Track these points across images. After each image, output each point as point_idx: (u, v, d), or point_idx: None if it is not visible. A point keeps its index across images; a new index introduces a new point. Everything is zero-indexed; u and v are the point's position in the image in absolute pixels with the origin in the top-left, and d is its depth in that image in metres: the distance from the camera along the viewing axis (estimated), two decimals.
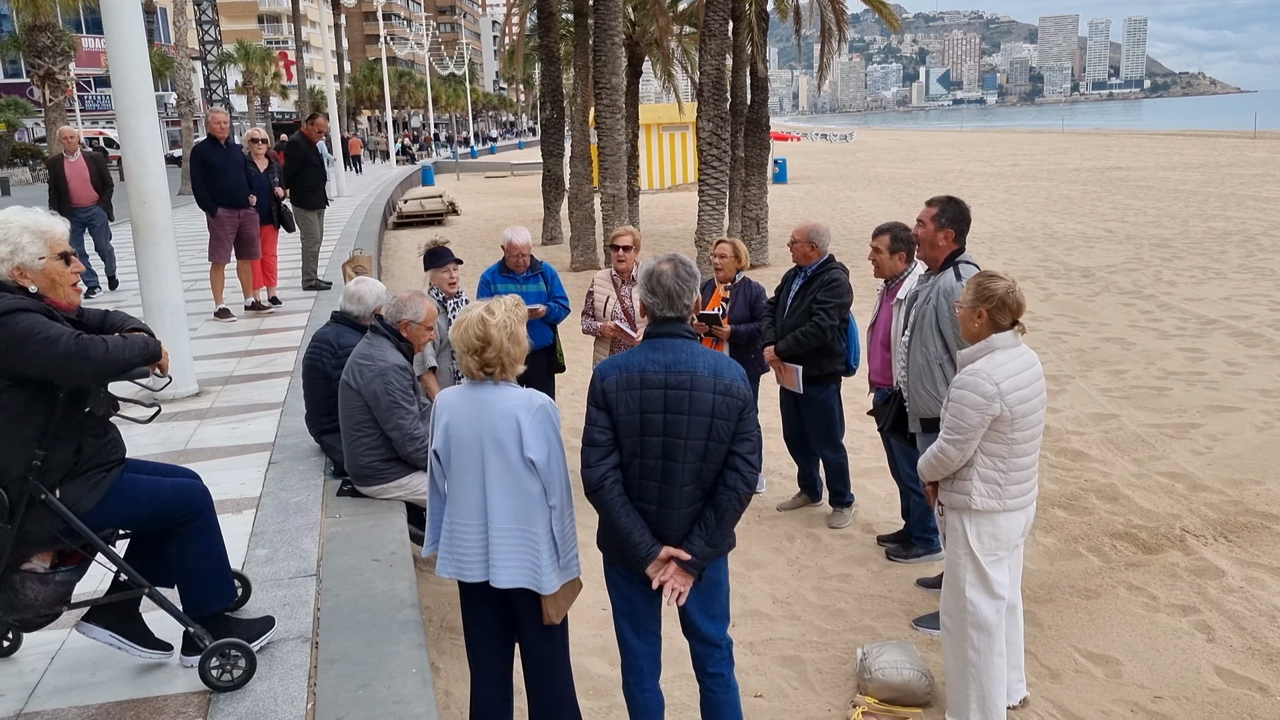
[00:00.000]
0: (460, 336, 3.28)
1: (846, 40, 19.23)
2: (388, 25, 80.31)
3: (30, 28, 24.37)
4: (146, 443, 6.09)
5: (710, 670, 3.55)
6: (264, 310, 10.69)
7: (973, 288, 3.80)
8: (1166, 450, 7.18)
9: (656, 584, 3.33)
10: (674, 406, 3.23)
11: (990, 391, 3.66)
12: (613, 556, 3.45)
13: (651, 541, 3.29)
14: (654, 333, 3.34)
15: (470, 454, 3.31)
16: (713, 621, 3.50)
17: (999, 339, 3.76)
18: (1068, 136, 71.93)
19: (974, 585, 3.89)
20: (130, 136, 6.84)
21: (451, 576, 3.42)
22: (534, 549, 3.33)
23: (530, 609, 3.42)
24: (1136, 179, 30.98)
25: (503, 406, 3.30)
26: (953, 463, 3.83)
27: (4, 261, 3.16)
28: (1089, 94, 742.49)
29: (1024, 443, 3.79)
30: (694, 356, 3.28)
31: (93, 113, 60.03)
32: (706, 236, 15.39)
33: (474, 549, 3.35)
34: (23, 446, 3.09)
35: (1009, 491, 3.82)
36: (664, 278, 3.29)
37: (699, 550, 3.29)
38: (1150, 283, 13.72)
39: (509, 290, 6.41)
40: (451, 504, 3.41)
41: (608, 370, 3.30)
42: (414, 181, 39.54)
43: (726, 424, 3.25)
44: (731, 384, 3.26)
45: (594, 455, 3.29)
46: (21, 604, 3.22)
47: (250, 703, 3.27)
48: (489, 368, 3.30)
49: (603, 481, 3.27)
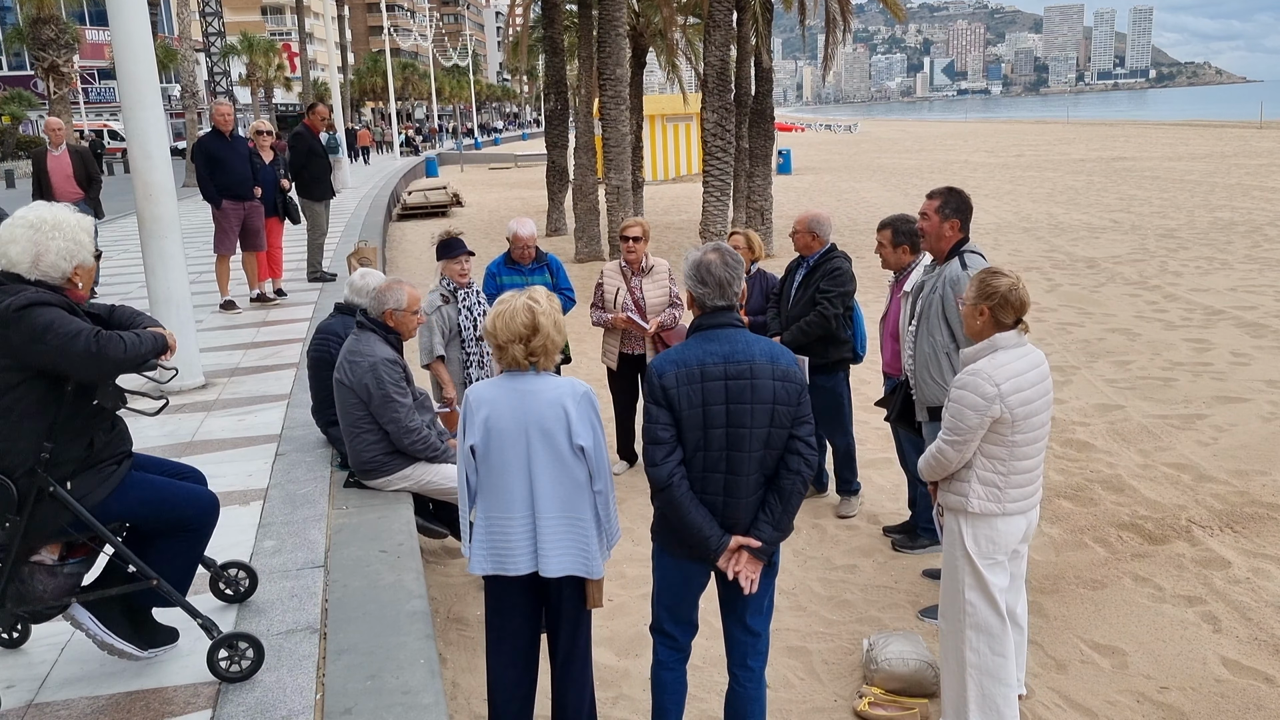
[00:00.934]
0: (505, 326, 3.27)
1: (851, 30, 19.19)
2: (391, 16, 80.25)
3: (34, 20, 24.39)
4: (154, 434, 6.11)
5: (749, 663, 3.55)
6: (269, 302, 10.69)
7: (975, 284, 3.72)
8: (1172, 441, 7.17)
9: (731, 575, 3.33)
10: (736, 397, 3.22)
11: (990, 393, 3.56)
12: (674, 548, 3.44)
13: (721, 533, 3.30)
14: (705, 324, 3.32)
15: (515, 445, 3.31)
16: (761, 613, 3.52)
17: (1002, 338, 3.66)
18: (1073, 127, 71.70)
19: (972, 587, 3.79)
20: (135, 129, 6.85)
21: (490, 572, 3.41)
22: (583, 535, 3.36)
23: (570, 598, 3.45)
24: (1142, 169, 30.89)
25: (549, 395, 3.31)
26: (951, 464, 3.74)
27: (69, 260, 3.22)
28: (1094, 84, 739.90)
29: (1026, 445, 3.68)
30: (750, 345, 3.28)
31: (97, 105, 60.07)
32: (711, 228, 15.39)
33: (520, 541, 3.36)
34: (33, 440, 3.11)
35: (1009, 495, 3.72)
36: (714, 267, 3.29)
37: (768, 536, 3.31)
38: (1156, 273, 13.69)
39: (514, 281, 6.42)
40: (490, 499, 3.39)
41: (665, 366, 3.27)
42: (418, 173, 39.53)
43: (788, 409, 3.27)
44: (789, 369, 3.29)
45: (659, 453, 3.27)
46: (31, 596, 3.24)
47: (260, 693, 3.29)
48: (534, 356, 3.31)
49: (671, 479, 3.26)
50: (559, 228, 20.73)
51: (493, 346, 3.35)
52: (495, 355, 3.36)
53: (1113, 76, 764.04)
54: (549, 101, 20.68)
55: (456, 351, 6.13)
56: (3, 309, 3.04)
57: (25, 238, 3.16)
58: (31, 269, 3.17)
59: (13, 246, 3.16)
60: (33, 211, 3.23)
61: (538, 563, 3.36)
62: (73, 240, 3.24)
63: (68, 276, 3.25)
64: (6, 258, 3.16)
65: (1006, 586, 3.84)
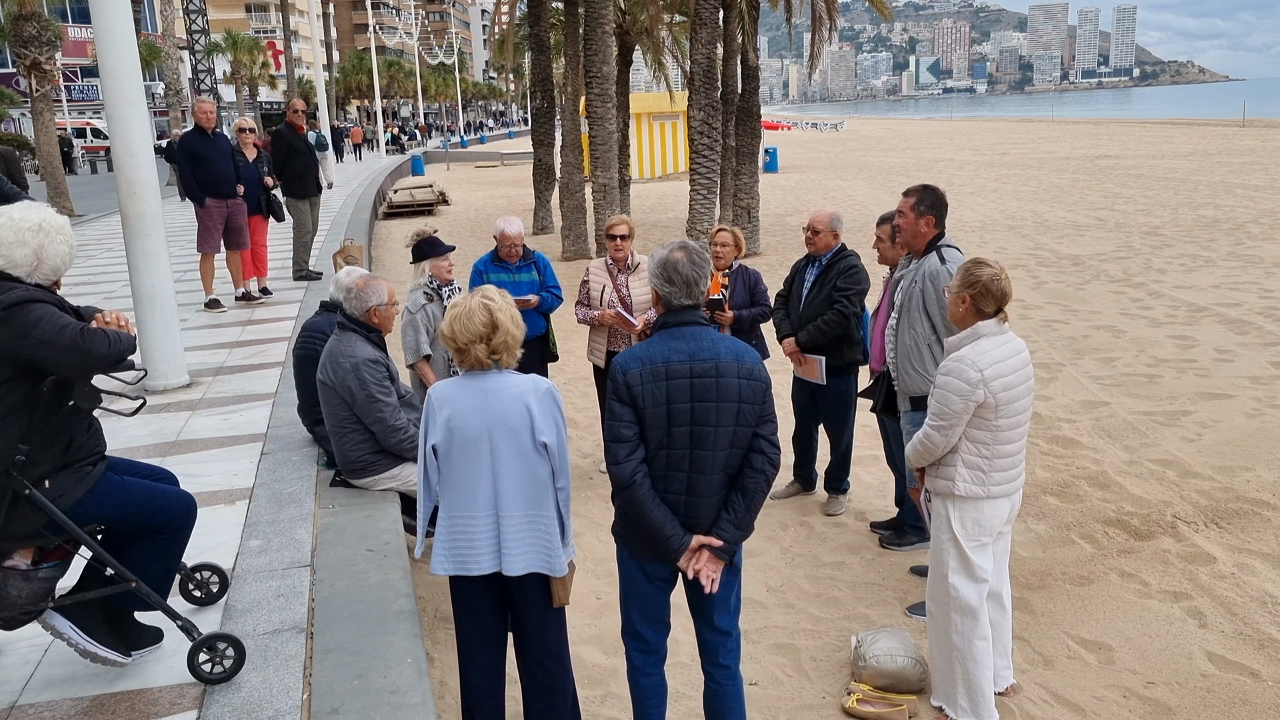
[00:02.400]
0: (464, 327, 3.25)
1: (837, 29, 19.21)
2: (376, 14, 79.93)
3: (16, 17, 24.11)
4: (139, 434, 6.07)
5: (721, 661, 3.54)
6: (254, 301, 10.63)
7: (960, 273, 3.85)
8: (1157, 437, 7.21)
9: (691, 574, 3.32)
10: (701, 395, 3.21)
11: (974, 378, 3.69)
12: (636, 548, 3.42)
13: (682, 533, 3.29)
14: (671, 321, 3.31)
15: (478, 445, 3.29)
16: (729, 612, 3.51)
17: (984, 326, 3.80)
18: (1057, 125, 72.04)
19: (956, 570, 3.93)
20: (119, 126, 6.79)
21: (452, 573, 3.39)
22: (546, 533, 3.35)
23: (534, 595, 3.43)
24: (1126, 167, 31.05)
25: (511, 393, 3.29)
26: (937, 448, 3.87)
27: (65, 263, 3.26)
28: (1078, 83, 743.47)
29: (1009, 430, 3.81)
30: (715, 343, 3.27)
31: (79, 103, 59.62)
32: (698, 225, 15.38)
33: (483, 541, 3.34)
34: (10, 441, 3.08)
35: (993, 479, 3.85)
36: (680, 265, 3.27)
37: (730, 535, 3.30)
38: (1140, 270, 13.76)
39: (501, 279, 6.40)
40: (452, 498, 3.37)
41: (629, 363, 3.25)
42: (404, 171, 39.39)
43: (753, 408, 3.26)
44: (754, 368, 3.28)
45: (621, 451, 3.24)
46: (4, 602, 3.18)
47: (246, 693, 3.26)
48: (496, 354, 3.29)
49: (633, 477, 3.24)
50: (545, 226, 20.70)
51: (452, 350, 3.33)
52: (456, 359, 3.34)
53: (1097, 75, 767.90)
54: (535, 100, 20.64)
55: (441, 350, 6.11)
56: None
57: (33, 241, 3.15)
58: (32, 273, 3.17)
59: (18, 249, 3.14)
60: (35, 213, 3.21)
61: (501, 561, 3.35)
62: (68, 244, 3.26)
63: (58, 279, 3.25)
64: (9, 260, 3.13)
65: (990, 569, 3.96)
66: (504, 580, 3.41)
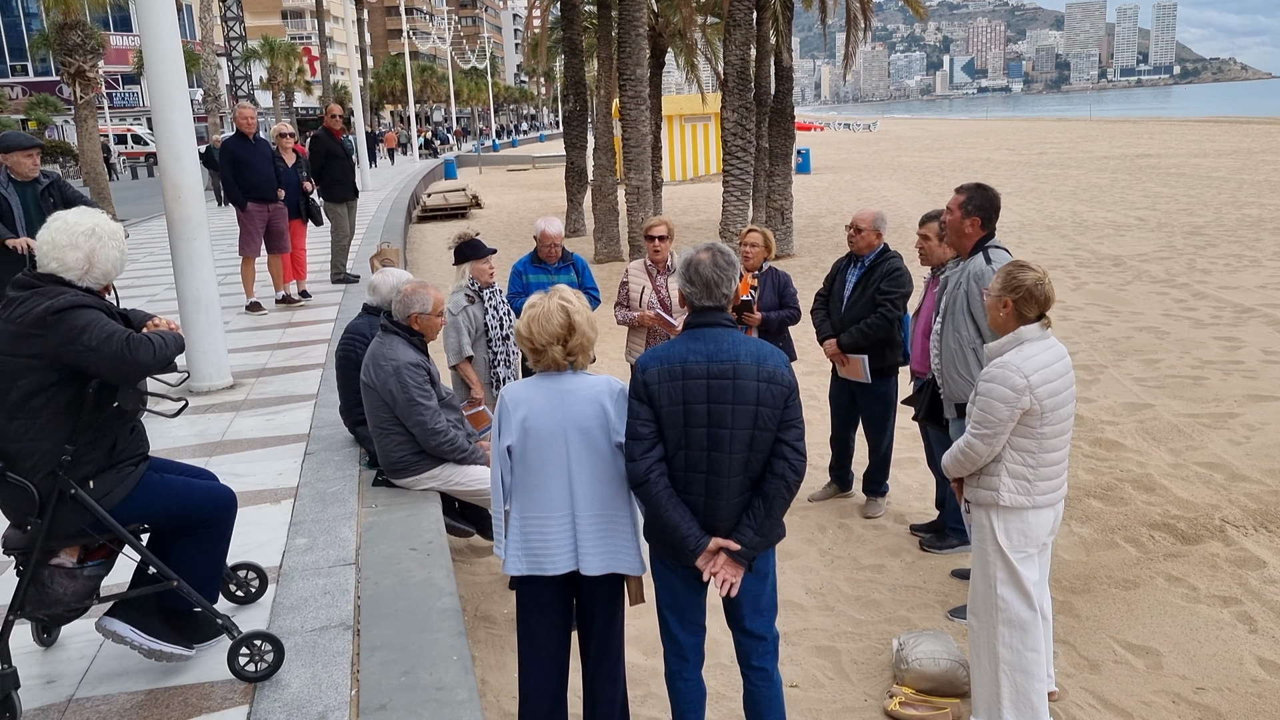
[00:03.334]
0: (542, 328, 3.27)
1: (871, 29, 19.11)
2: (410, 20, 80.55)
3: (60, 26, 24.60)
4: (184, 434, 6.16)
5: (755, 664, 3.53)
6: (294, 303, 10.76)
7: (1001, 276, 3.75)
8: (1204, 440, 7.10)
9: (707, 576, 3.31)
10: (717, 396, 3.20)
11: (1019, 384, 3.58)
12: (660, 548, 3.43)
13: (700, 534, 3.27)
14: (694, 323, 3.32)
15: (553, 445, 3.31)
16: (760, 615, 3.48)
17: (1026, 331, 3.69)
18: (1095, 124, 71.15)
19: (1005, 582, 3.79)
20: (165, 131, 6.90)
21: (526, 573, 3.41)
22: (624, 532, 3.37)
23: (606, 595, 3.45)
24: (1167, 166, 30.61)
25: (587, 394, 3.32)
26: (980, 458, 3.74)
27: (116, 269, 3.31)
28: (1117, 81, 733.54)
29: (1053, 437, 3.70)
30: (735, 345, 3.25)
31: (121, 109, 60.61)
32: (731, 227, 15.35)
33: (558, 541, 3.35)
34: (56, 442, 3.14)
35: (1038, 488, 3.73)
36: (702, 267, 3.28)
37: (749, 540, 3.27)
38: (1183, 271, 13.56)
39: (540, 281, 6.43)
40: (526, 499, 3.39)
41: (648, 362, 3.28)
42: (436, 175, 39.67)
43: (772, 412, 3.23)
44: (775, 371, 3.25)
45: (638, 449, 3.26)
46: (51, 599, 3.25)
47: (295, 689, 3.31)
48: (572, 355, 3.31)
49: (648, 474, 3.24)
50: (578, 228, 20.76)
51: (528, 350, 3.34)
52: (532, 359, 3.35)
53: (1136, 73, 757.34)
54: (567, 103, 20.71)
55: (483, 351, 6.16)
56: (42, 311, 3.08)
57: (85, 245, 3.21)
58: (83, 276, 3.22)
59: (71, 253, 3.20)
60: (89, 218, 3.27)
61: (578, 561, 3.36)
62: (120, 249, 3.32)
63: (107, 284, 3.31)
64: (61, 262, 3.19)
65: (1037, 580, 3.84)
66: (575, 581, 3.42)
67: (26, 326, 3.08)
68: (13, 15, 61.39)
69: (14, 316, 3.11)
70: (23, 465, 3.13)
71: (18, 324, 3.09)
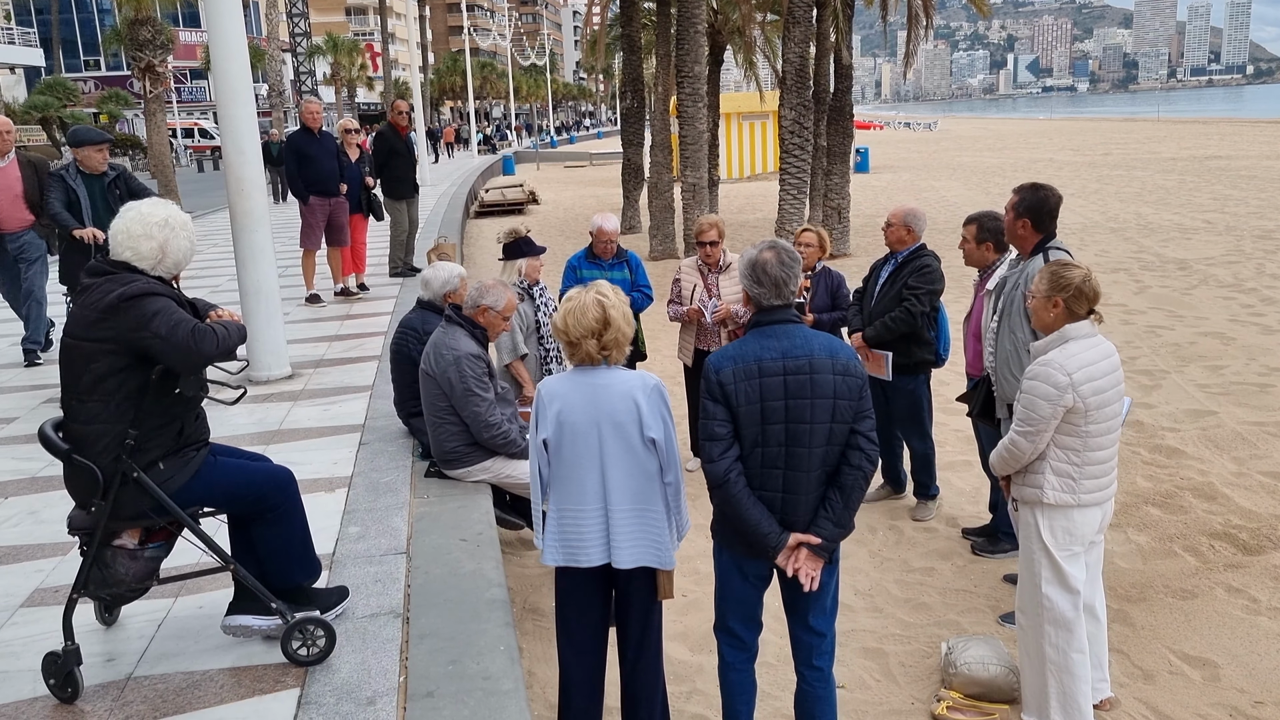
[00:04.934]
0: (577, 322, 3.30)
1: (933, 26, 18.85)
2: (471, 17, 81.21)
3: (132, 22, 25.28)
4: (243, 422, 6.31)
5: (815, 663, 3.53)
6: (352, 296, 10.94)
7: (1047, 277, 3.73)
8: (1269, 449, 6.90)
9: (790, 571, 3.32)
10: (795, 392, 3.21)
11: (1062, 382, 3.58)
12: (734, 545, 3.44)
13: (779, 530, 3.29)
14: (763, 320, 3.32)
15: (587, 439, 3.35)
16: (824, 613, 3.49)
17: (1074, 329, 3.68)
18: (1164, 124, 69.41)
19: (1050, 581, 3.81)
20: (229, 125, 7.06)
21: (562, 564, 3.45)
22: (655, 526, 3.39)
23: (640, 589, 3.47)
24: (1238, 168, 29.76)
25: (620, 389, 3.34)
26: (1024, 455, 3.75)
27: (186, 259, 3.42)
28: (1187, 80, 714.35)
29: (1099, 436, 3.68)
30: (808, 340, 3.26)
31: (188, 104, 62.15)
32: (787, 226, 15.28)
33: (592, 534, 3.39)
34: (121, 426, 3.23)
35: (1083, 486, 3.73)
36: (769, 266, 3.28)
37: (828, 533, 3.28)
38: (1252, 275, 13.18)
39: (594, 276, 6.46)
40: (562, 491, 3.43)
41: (722, 362, 3.27)
42: (495, 171, 40.00)
43: (849, 404, 3.24)
44: (849, 363, 3.26)
45: (716, 449, 3.27)
46: (113, 579, 3.35)
47: (346, 673, 3.37)
48: (606, 350, 3.34)
49: (728, 475, 3.25)
50: (633, 225, 20.79)
51: (564, 343, 3.38)
52: (567, 352, 3.39)
53: (1207, 73, 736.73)
54: (625, 100, 20.74)
55: (534, 348, 6.20)
56: (115, 297, 3.18)
57: (159, 235, 3.31)
58: (156, 265, 3.32)
59: (145, 242, 3.30)
60: (162, 209, 3.37)
61: (610, 554, 3.40)
62: (191, 240, 3.42)
63: (182, 269, 3.40)
64: (135, 251, 3.29)
65: (1084, 579, 3.83)
66: (611, 573, 3.46)
67: (100, 312, 3.18)
68: (87, 11, 63.24)
69: (88, 303, 3.22)
70: (90, 448, 3.23)
71: (91, 309, 3.20)
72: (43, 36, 55.75)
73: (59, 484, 3.63)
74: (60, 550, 4.48)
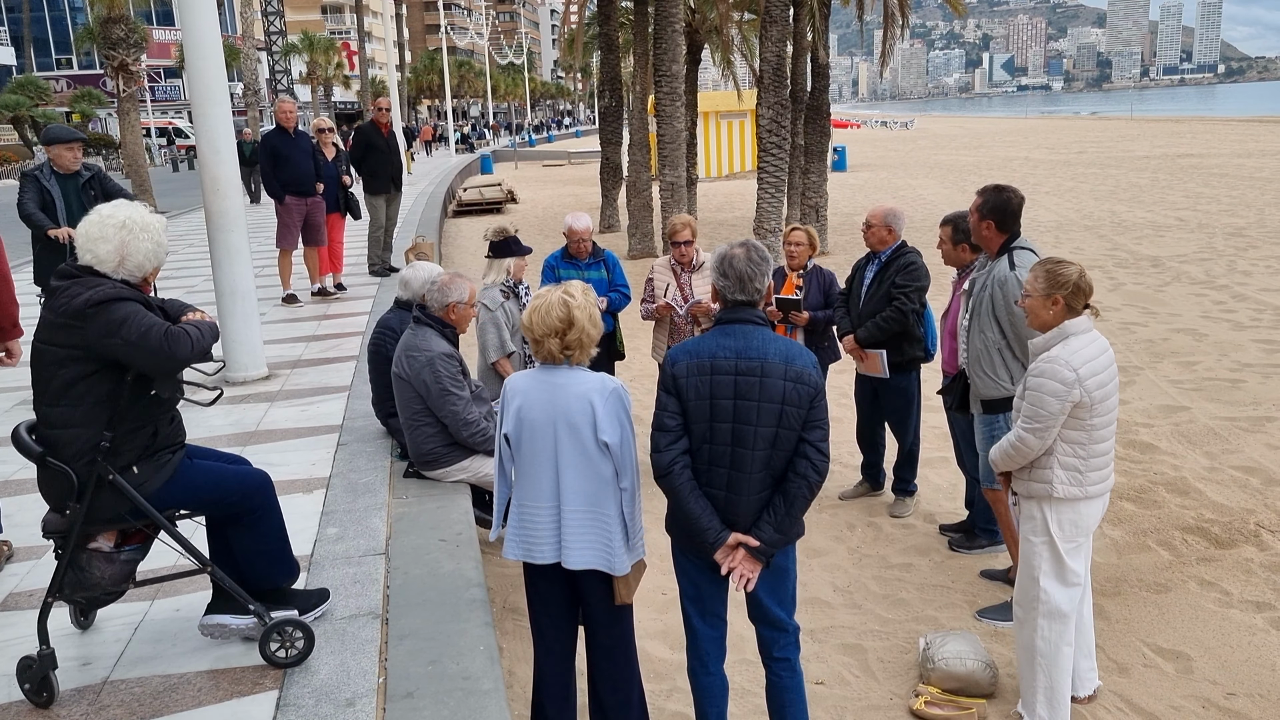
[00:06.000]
0: (541, 320, 3.31)
1: (909, 25, 18.95)
2: (448, 15, 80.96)
3: (104, 20, 25.01)
4: (220, 423, 6.26)
5: (776, 655, 3.56)
6: (330, 296, 10.89)
7: (1044, 276, 3.75)
8: (1240, 444, 7.00)
9: (725, 570, 3.34)
10: (744, 393, 3.23)
11: (1069, 378, 3.63)
12: (681, 541, 3.47)
13: (720, 527, 3.30)
14: (725, 319, 3.35)
15: (543, 437, 3.36)
16: (780, 606, 3.51)
17: (1073, 324, 3.72)
18: (1137, 123, 70.08)
19: (1049, 574, 3.87)
20: (204, 124, 7.01)
21: (520, 559, 3.48)
22: (606, 530, 3.38)
23: (598, 590, 3.46)
24: (1209, 166, 30.10)
25: (577, 389, 3.34)
26: (1032, 452, 3.80)
27: (152, 262, 3.35)
28: (1159, 79, 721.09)
29: (1102, 428, 3.76)
30: (765, 343, 3.27)
31: (162, 103, 61.52)
32: (765, 224, 15.30)
33: (545, 531, 3.40)
34: (96, 429, 3.21)
35: (1090, 479, 3.79)
36: (736, 261, 3.31)
37: (768, 537, 3.29)
38: (1224, 273, 13.35)
39: (572, 276, 6.46)
40: (521, 487, 3.45)
41: (678, 355, 3.31)
42: (473, 170, 39.87)
43: (797, 411, 3.24)
44: (803, 371, 3.26)
45: (664, 440, 3.31)
46: (88, 582, 3.33)
47: (324, 675, 3.36)
48: (569, 350, 3.34)
49: (672, 466, 3.29)
50: (612, 224, 20.79)
51: (529, 340, 3.39)
52: (533, 349, 3.41)
53: (1179, 71, 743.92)
54: (603, 98, 20.74)
55: (519, 346, 6.18)
56: (81, 302, 3.14)
57: (116, 237, 3.26)
58: (118, 268, 3.27)
59: (102, 245, 3.25)
60: (122, 211, 3.33)
61: (561, 554, 3.40)
62: (156, 242, 3.35)
63: (145, 276, 3.36)
64: (94, 255, 3.25)
65: (1083, 572, 3.90)
66: (572, 573, 3.46)
67: (67, 317, 3.15)
68: (58, 9, 62.53)
69: (56, 307, 3.19)
70: (64, 451, 3.20)
71: (59, 314, 3.17)
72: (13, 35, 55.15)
73: (33, 486, 3.59)
74: (34, 554, 4.45)
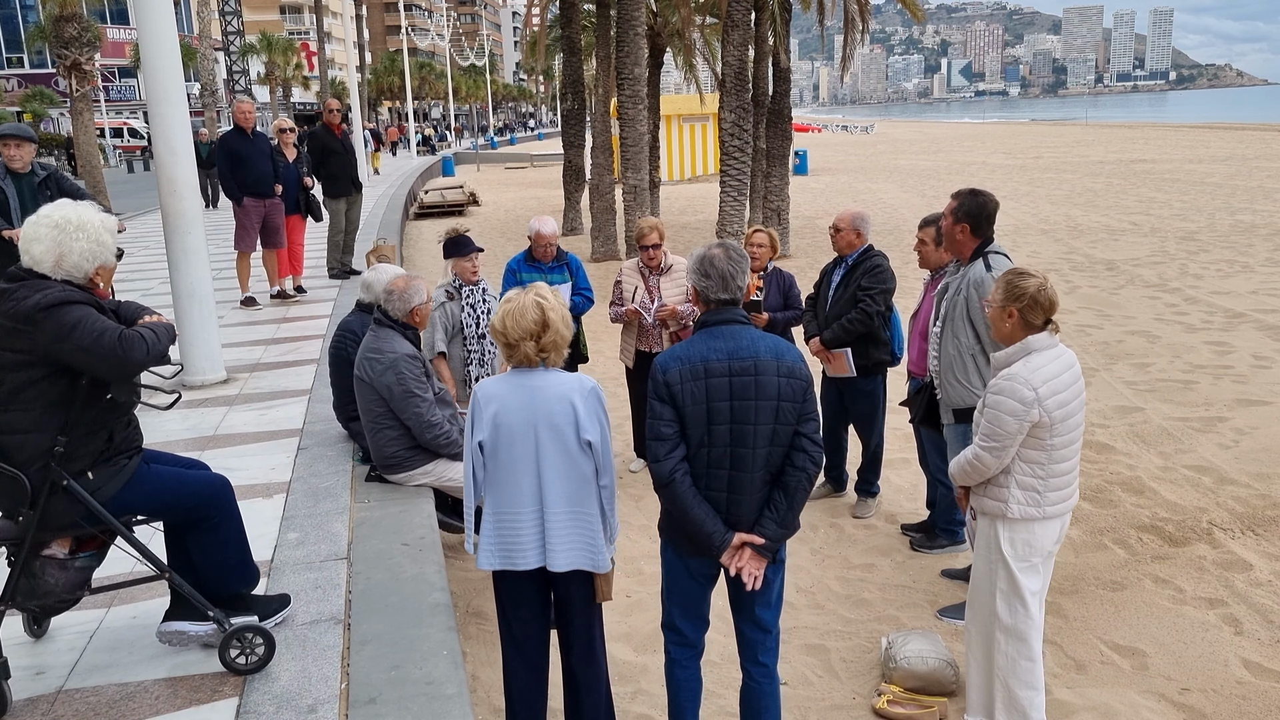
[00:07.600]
0: (516, 323, 3.29)
1: (869, 31, 19.14)
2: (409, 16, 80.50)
3: (57, 18, 24.53)
4: (177, 428, 6.17)
5: (760, 659, 3.57)
6: (289, 299, 10.76)
7: (1002, 286, 3.66)
8: (1193, 444, 7.14)
9: (734, 570, 3.34)
10: (740, 393, 3.24)
11: (1028, 397, 3.52)
12: (680, 544, 3.46)
13: (724, 530, 3.31)
14: (710, 320, 3.35)
15: (523, 441, 3.34)
16: (769, 607, 3.53)
17: (1035, 340, 3.62)
18: (1091, 129, 71.31)
19: (1004, 593, 3.75)
20: (161, 125, 6.90)
21: (498, 568, 3.45)
22: (590, 529, 3.39)
23: (578, 591, 3.47)
24: (1161, 171, 30.70)
25: (556, 391, 3.33)
26: (989, 470, 3.68)
27: (91, 261, 3.24)
28: (1113, 86, 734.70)
29: (1063, 448, 3.63)
30: (754, 342, 3.29)
31: (117, 103, 60.48)
32: (728, 227, 15.37)
33: (528, 536, 3.39)
34: (49, 434, 3.14)
35: (1048, 499, 3.67)
36: (717, 260, 3.32)
37: (772, 533, 3.32)
38: (1176, 276, 13.62)
39: (535, 279, 6.43)
40: (498, 495, 3.42)
41: (669, 363, 3.29)
42: (434, 172, 39.62)
43: (793, 406, 3.27)
44: (794, 365, 3.29)
45: (662, 449, 3.29)
46: (42, 590, 3.26)
47: (285, 682, 3.32)
48: (545, 352, 3.33)
49: (673, 475, 3.28)
50: (575, 227, 20.76)
51: (502, 345, 3.37)
52: (505, 354, 3.38)
53: (1132, 79, 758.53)
54: (566, 101, 20.71)
55: (458, 349, 6.13)
56: (30, 306, 3.07)
57: (49, 237, 3.17)
58: (55, 269, 3.19)
59: (36, 245, 3.18)
60: (58, 210, 3.24)
61: (546, 557, 3.40)
62: (95, 241, 3.25)
63: (89, 276, 3.26)
64: (30, 256, 3.18)
65: (1038, 590, 3.79)
66: (548, 576, 3.45)
67: (15, 321, 3.07)
68: (9, 7, 61.25)
69: (4, 310, 3.10)
70: (16, 457, 3.13)
71: (7, 318, 3.09)
72: None
73: None
74: None
